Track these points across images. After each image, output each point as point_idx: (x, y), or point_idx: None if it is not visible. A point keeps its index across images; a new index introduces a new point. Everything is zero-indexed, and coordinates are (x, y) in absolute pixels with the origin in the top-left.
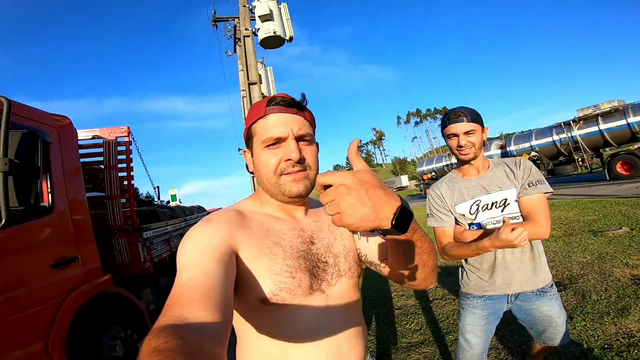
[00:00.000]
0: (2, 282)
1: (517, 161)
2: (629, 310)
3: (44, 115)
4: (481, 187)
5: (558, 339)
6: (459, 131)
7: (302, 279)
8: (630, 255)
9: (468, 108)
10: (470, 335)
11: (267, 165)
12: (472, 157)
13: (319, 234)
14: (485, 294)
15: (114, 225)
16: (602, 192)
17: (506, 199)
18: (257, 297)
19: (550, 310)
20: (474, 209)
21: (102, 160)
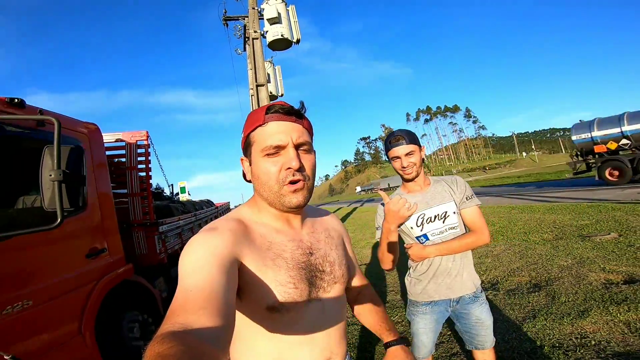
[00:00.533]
0: (51, 270)
1: (452, 179)
2: (589, 312)
3: (77, 123)
4: (424, 202)
5: (488, 343)
6: (400, 154)
7: (303, 289)
8: (609, 260)
9: (405, 130)
10: (423, 337)
11: (268, 174)
12: (415, 176)
13: (317, 244)
14: (432, 300)
15: (134, 220)
16: (603, 196)
17: (446, 211)
18: (263, 305)
19: (482, 314)
20: (420, 222)
21: (124, 162)
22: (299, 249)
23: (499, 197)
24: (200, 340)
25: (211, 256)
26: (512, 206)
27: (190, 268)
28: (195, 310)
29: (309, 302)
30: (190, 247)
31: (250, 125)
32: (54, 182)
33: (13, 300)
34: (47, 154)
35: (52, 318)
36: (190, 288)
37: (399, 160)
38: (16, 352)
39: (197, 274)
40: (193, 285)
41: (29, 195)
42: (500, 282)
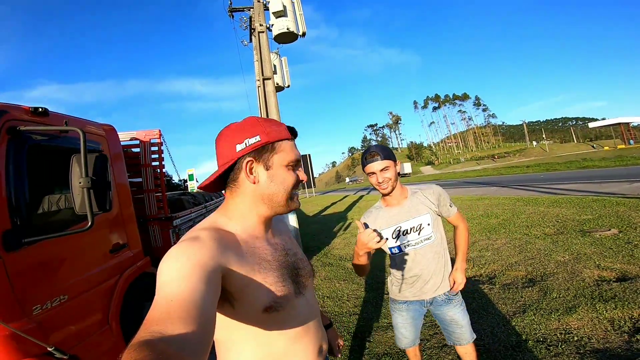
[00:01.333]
0: (81, 267)
1: (430, 190)
2: (577, 309)
3: (95, 125)
4: (401, 214)
5: (464, 340)
6: (375, 169)
7: (290, 286)
8: (605, 257)
9: (380, 146)
10: (402, 330)
11: (287, 182)
12: (390, 191)
13: (287, 245)
14: (407, 300)
15: (150, 215)
16: (610, 189)
17: (421, 223)
18: (259, 308)
19: (456, 315)
20: (395, 234)
21: (139, 159)
22: (277, 251)
23: (506, 188)
24: (177, 351)
25: (194, 266)
26: (517, 198)
27: (173, 277)
28: (175, 320)
29: (297, 298)
30: (172, 256)
31: (275, 134)
32: (83, 189)
33: (53, 296)
34: (74, 162)
35: (84, 311)
36: (171, 297)
37: (374, 176)
38: (55, 343)
39: (179, 284)
40: (175, 294)
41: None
42: (498, 276)
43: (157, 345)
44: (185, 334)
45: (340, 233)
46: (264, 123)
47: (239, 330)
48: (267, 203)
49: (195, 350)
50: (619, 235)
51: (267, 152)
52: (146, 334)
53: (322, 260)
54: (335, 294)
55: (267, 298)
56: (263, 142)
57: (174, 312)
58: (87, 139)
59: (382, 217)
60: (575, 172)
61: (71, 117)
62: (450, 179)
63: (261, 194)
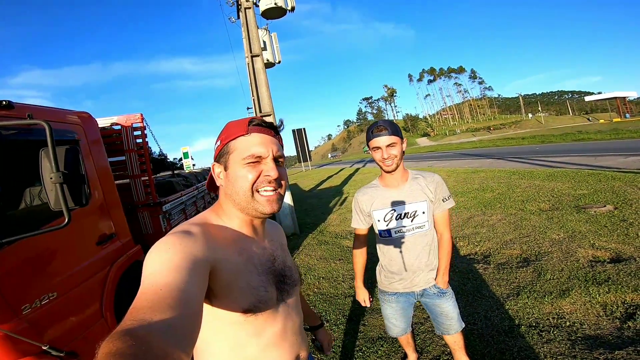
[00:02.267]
0: (67, 262)
1: (431, 178)
2: (570, 292)
3: (69, 114)
4: (398, 198)
5: (453, 330)
6: (381, 144)
7: (272, 292)
8: (600, 236)
9: (388, 121)
10: (392, 320)
11: (245, 179)
12: (394, 169)
13: (276, 251)
14: (397, 291)
15: (138, 201)
16: (606, 163)
17: (416, 210)
18: (239, 308)
19: (447, 308)
20: (388, 217)
21: (121, 144)
22: (264, 255)
23: (502, 160)
24: (162, 340)
25: (184, 258)
26: (512, 171)
27: (161, 267)
28: (163, 309)
29: (278, 306)
30: (161, 247)
31: (231, 134)
32: (55, 184)
33: (41, 294)
34: (44, 157)
35: (76, 306)
36: (160, 286)
37: (379, 151)
38: (49, 341)
39: (168, 274)
40: (164, 284)
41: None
42: (493, 254)
43: (141, 333)
44: (172, 324)
45: (336, 208)
46: (229, 126)
47: (214, 329)
48: (236, 204)
49: (181, 340)
50: (614, 212)
51: (225, 155)
52: (131, 322)
53: (318, 238)
54: (331, 274)
55: (248, 301)
56: (221, 146)
57: (162, 301)
58: (63, 129)
59: (378, 197)
60: (571, 145)
61: (42, 107)
62: (446, 151)
63: (228, 194)
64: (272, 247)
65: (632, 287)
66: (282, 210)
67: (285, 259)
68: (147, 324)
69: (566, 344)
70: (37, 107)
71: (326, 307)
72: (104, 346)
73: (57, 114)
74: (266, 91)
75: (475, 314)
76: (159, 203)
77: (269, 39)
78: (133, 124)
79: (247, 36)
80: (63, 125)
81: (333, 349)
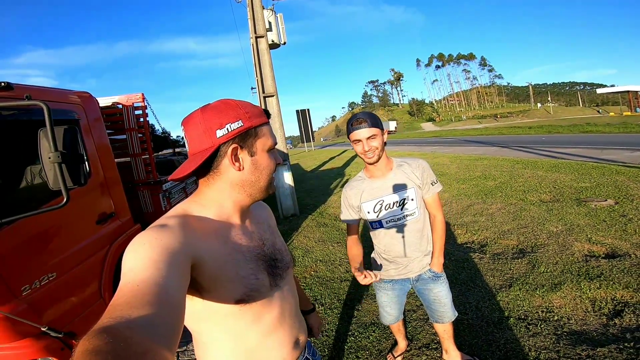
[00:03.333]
0: (66, 242)
1: (416, 164)
2: (561, 286)
3: (69, 94)
4: (385, 187)
5: (446, 318)
6: (361, 137)
7: (264, 279)
8: (598, 230)
9: (368, 113)
10: (387, 308)
11: (270, 167)
12: (376, 160)
13: (264, 234)
14: (393, 279)
15: (138, 180)
16: (611, 156)
17: (405, 198)
18: (230, 300)
19: (440, 293)
20: (377, 208)
21: (122, 123)
22: (252, 242)
23: (506, 149)
24: (143, 337)
25: (162, 253)
26: (516, 160)
27: (139, 263)
28: (142, 305)
29: (272, 291)
30: (138, 242)
31: (258, 118)
32: (53, 164)
33: (40, 274)
34: (42, 137)
35: (75, 286)
36: (137, 282)
37: (360, 144)
38: (48, 322)
39: (146, 269)
40: (141, 279)
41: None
42: (489, 244)
43: (120, 330)
44: (152, 319)
45: (337, 190)
46: (243, 106)
47: (211, 322)
48: (247, 190)
49: (162, 335)
50: (614, 206)
51: (251, 138)
52: (108, 319)
53: (317, 220)
54: (329, 257)
55: (239, 290)
56: (246, 127)
57: (141, 296)
58: (62, 109)
59: (366, 189)
60: (578, 136)
61: (42, 88)
62: (451, 137)
63: (244, 181)
64: (260, 231)
65: (623, 284)
66: (283, 190)
67: (275, 241)
68: (125, 320)
69: (552, 338)
70: (37, 88)
71: (322, 290)
72: (81, 344)
73: (56, 94)
74: (270, 72)
75: (467, 304)
76: (160, 182)
77: (274, 19)
78: (134, 104)
79: (252, 17)
80: (63, 105)
81: (326, 332)
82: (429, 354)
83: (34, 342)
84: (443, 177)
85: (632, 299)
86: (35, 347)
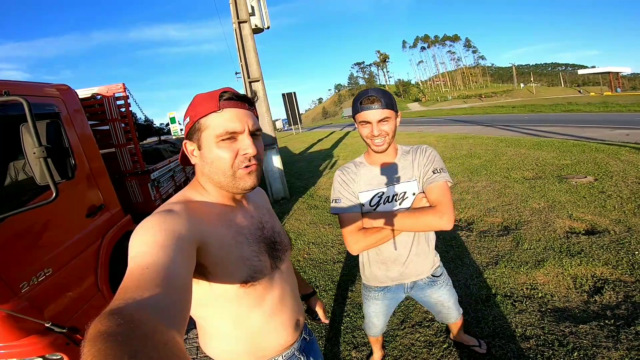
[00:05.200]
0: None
1: (421, 149)
2: (544, 263)
3: (48, 87)
4: (386, 177)
5: (452, 318)
6: (372, 119)
7: (266, 261)
8: (578, 207)
9: (381, 90)
10: (374, 319)
11: (223, 159)
12: (385, 149)
13: (264, 217)
14: (384, 286)
15: (125, 170)
16: (591, 134)
17: (405, 192)
18: (236, 282)
19: (442, 297)
20: (375, 201)
21: (104, 114)
22: (253, 224)
23: (491, 128)
24: (152, 316)
25: (168, 237)
26: (500, 138)
27: (146, 247)
28: (152, 287)
29: (273, 273)
30: (145, 227)
31: (201, 111)
32: (39, 159)
33: (37, 270)
34: (25, 132)
35: (72, 281)
36: (146, 265)
37: (369, 126)
38: (50, 318)
39: (153, 253)
40: (149, 263)
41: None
42: (476, 221)
43: (129, 311)
44: (161, 301)
45: (326, 172)
46: (197, 100)
47: (216, 307)
48: (215, 182)
49: (172, 316)
50: (594, 183)
51: (196, 132)
52: (119, 301)
53: (308, 202)
54: (320, 239)
55: (243, 273)
56: (192, 123)
57: (150, 279)
58: (42, 103)
59: (363, 176)
60: (560, 115)
61: (19, 82)
62: (437, 116)
63: (205, 173)
64: (259, 214)
65: (602, 261)
66: (272, 174)
67: (274, 224)
68: (134, 302)
69: (536, 315)
70: (14, 83)
71: (315, 272)
72: (93, 326)
73: (34, 88)
74: (254, 57)
75: (455, 282)
76: (147, 171)
77: (257, 3)
78: (115, 94)
79: (234, 1)
80: (42, 99)
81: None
82: (422, 331)
83: (40, 338)
84: None
85: (612, 275)
86: (41, 343)
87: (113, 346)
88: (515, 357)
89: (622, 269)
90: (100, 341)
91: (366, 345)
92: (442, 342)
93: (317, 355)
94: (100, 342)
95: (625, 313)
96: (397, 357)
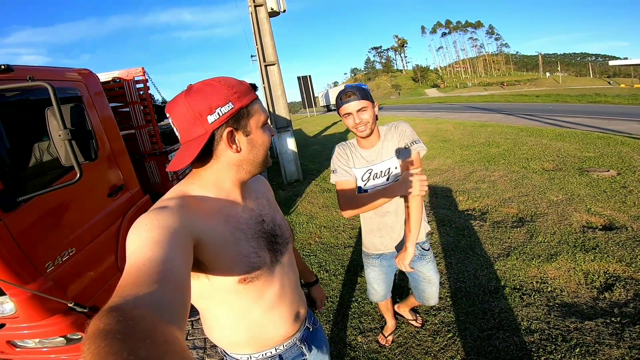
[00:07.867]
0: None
1: (396, 125)
2: (557, 256)
3: (70, 72)
4: (374, 156)
5: (432, 300)
6: (352, 110)
7: (265, 256)
8: (598, 201)
9: (356, 86)
10: (375, 285)
11: (266, 143)
12: (368, 134)
13: (263, 209)
14: (380, 253)
15: (144, 151)
16: (617, 127)
17: (389, 167)
18: (233, 279)
19: (429, 272)
20: (366, 177)
21: (124, 97)
22: (252, 219)
23: (512, 116)
24: (153, 314)
25: (164, 233)
26: (521, 127)
27: (142, 244)
28: (149, 283)
29: (273, 267)
30: (140, 225)
31: (246, 97)
32: (64, 141)
33: (61, 250)
34: (50, 115)
35: (94, 260)
36: (143, 262)
37: (350, 117)
38: (73, 298)
39: (149, 250)
40: (146, 259)
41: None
42: (490, 211)
43: (127, 308)
44: (159, 297)
45: None
46: (230, 86)
47: (215, 300)
48: (246, 168)
49: (171, 312)
50: (616, 177)
51: (244, 118)
52: (117, 298)
53: (321, 185)
54: (332, 223)
55: (242, 269)
56: (237, 108)
57: (147, 275)
58: (65, 87)
59: (356, 156)
60: (586, 106)
61: (42, 67)
62: (455, 103)
63: (242, 161)
64: (259, 207)
65: (617, 258)
66: (287, 156)
67: (275, 215)
68: (133, 298)
69: (544, 309)
70: (37, 68)
71: (326, 257)
72: (92, 324)
73: (57, 73)
74: (270, 41)
75: (465, 271)
76: (165, 152)
77: None
78: (135, 77)
79: None
80: (64, 84)
81: (330, 299)
82: (428, 319)
83: (63, 318)
84: (446, 143)
85: (624, 273)
86: (64, 323)
87: (113, 343)
88: (517, 350)
89: (635, 267)
90: (100, 339)
91: (372, 331)
92: (446, 331)
93: (321, 344)
94: (100, 339)
95: (633, 311)
96: (401, 344)
